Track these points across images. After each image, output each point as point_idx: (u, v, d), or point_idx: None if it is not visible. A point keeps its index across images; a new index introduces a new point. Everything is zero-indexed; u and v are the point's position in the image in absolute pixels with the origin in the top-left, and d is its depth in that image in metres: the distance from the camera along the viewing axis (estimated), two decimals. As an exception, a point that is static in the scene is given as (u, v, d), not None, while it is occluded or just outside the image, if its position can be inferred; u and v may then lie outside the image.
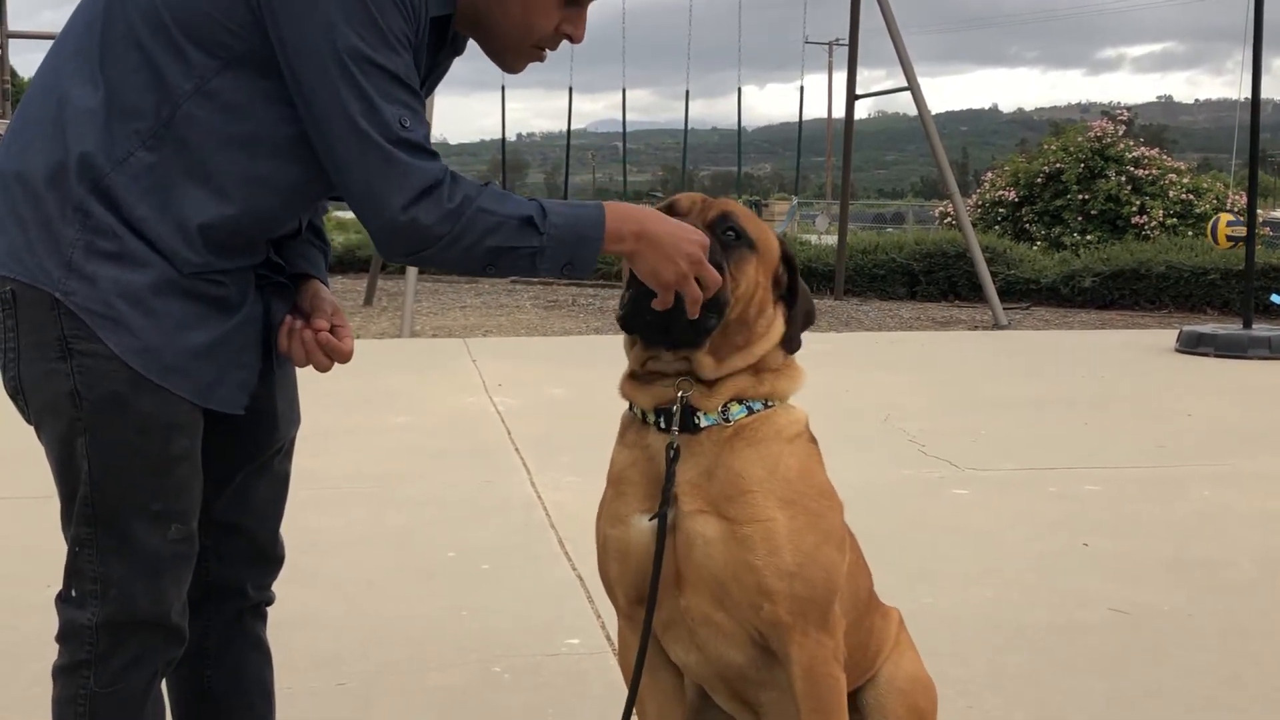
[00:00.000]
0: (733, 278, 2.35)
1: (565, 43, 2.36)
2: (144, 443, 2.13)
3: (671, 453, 2.36)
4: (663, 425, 2.39)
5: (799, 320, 2.49)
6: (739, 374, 2.40)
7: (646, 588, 2.41)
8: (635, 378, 2.45)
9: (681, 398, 2.37)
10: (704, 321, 2.31)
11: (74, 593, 2.19)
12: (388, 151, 2.04)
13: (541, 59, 2.37)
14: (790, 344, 2.48)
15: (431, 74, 2.33)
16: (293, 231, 2.35)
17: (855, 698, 2.69)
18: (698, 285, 2.24)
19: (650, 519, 2.37)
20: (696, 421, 2.38)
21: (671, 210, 2.40)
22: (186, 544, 2.22)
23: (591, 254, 2.19)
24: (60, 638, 2.23)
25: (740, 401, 2.40)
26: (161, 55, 2.06)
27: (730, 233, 2.37)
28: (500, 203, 2.12)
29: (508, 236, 2.11)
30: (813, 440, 2.49)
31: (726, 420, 2.38)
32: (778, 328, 2.45)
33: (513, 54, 2.33)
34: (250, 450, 2.41)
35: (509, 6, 2.24)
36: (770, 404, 2.43)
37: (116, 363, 2.08)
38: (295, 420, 2.52)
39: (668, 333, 2.33)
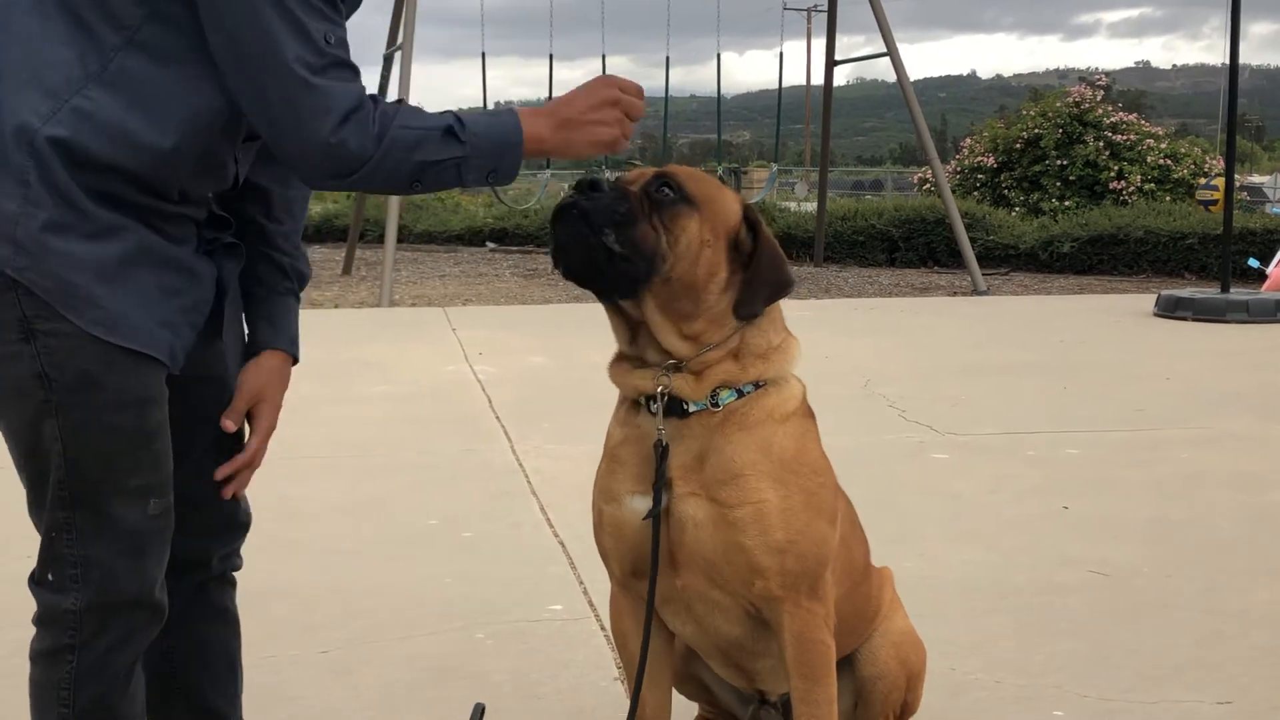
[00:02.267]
0: (668, 231, 2.30)
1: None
2: (119, 419, 2.09)
3: (660, 449, 2.35)
4: (652, 409, 2.38)
5: (757, 288, 2.37)
6: (721, 361, 2.36)
7: (641, 563, 2.42)
8: (621, 361, 2.43)
9: (662, 392, 2.35)
10: (628, 267, 2.27)
11: (51, 576, 2.14)
12: (311, 80, 2.01)
13: None
14: (739, 308, 2.36)
15: None
16: (228, 187, 2.29)
17: (850, 653, 2.72)
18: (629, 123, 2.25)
19: (645, 518, 2.37)
20: (685, 407, 2.36)
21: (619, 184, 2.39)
22: (165, 518, 2.19)
23: (514, 159, 2.18)
24: (39, 622, 2.18)
25: (729, 386, 2.38)
26: (86, 11, 2.03)
27: (665, 190, 2.32)
28: (419, 117, 2.11)
29: (431, 150, 2.09)
30: (808, 415, 2.47)
31: (715, 405, 2.37)
32: (730, 298, 2.36)
33: None
34: (204, 418, 2.36)
35: None
36: (761, 384, 2.40)
37: (84, 339, 2.03)
38: None
39: (597, 275, 2.30)
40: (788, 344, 2.46)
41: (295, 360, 2.49)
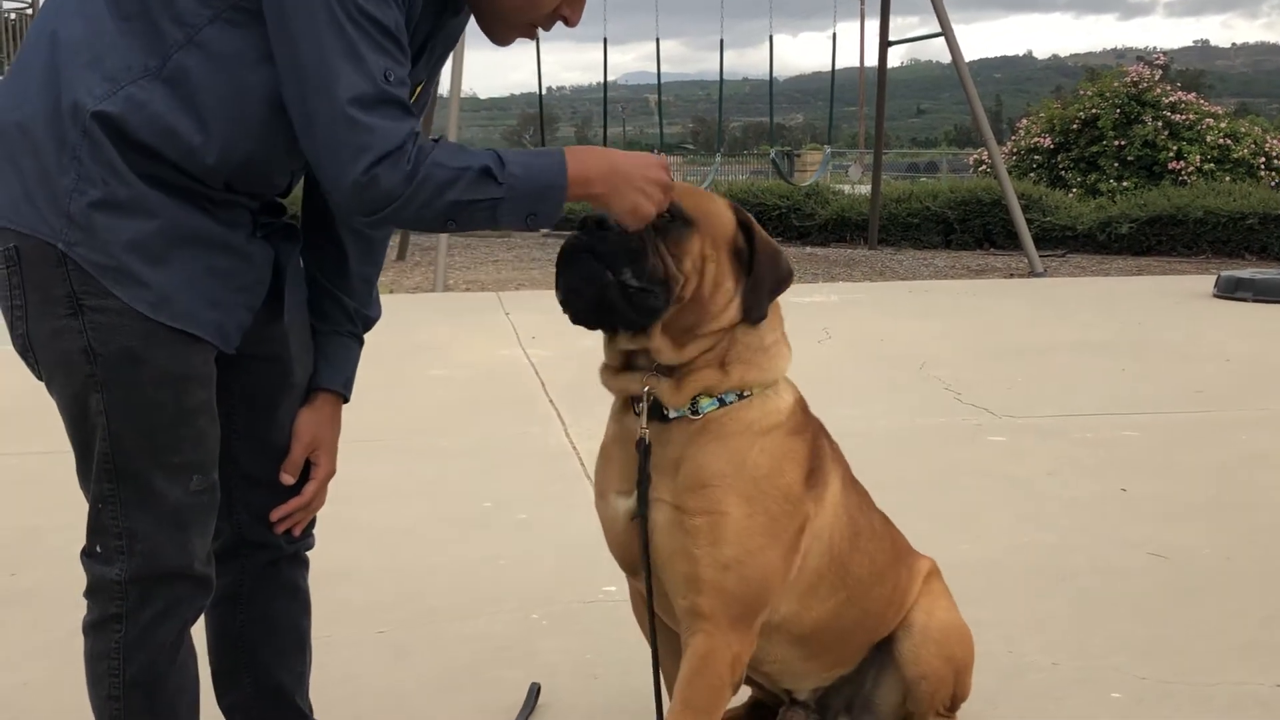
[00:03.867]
0: (674, 255, 2.32)
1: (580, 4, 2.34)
2: (160, 396, 2.12)
3: (643, 447, 2.37)
4: (637, 410, 2.40)
5: (761, 287, 2.39)
6: (704, 367, 2.37)
7: (628, 559, 2.48)
8: (609, 367, 2.46)
9: (648, 393, 2.36)
10: (646, 300, 2.28)
11: (99, 549, 2.18)
12: (358, 117, 2.01)
13: (533, 36, 2.35)
14: (749, 313, 2.38)
15: (435, 35, 2.31)
16: (281, 190, 2.32)
17: (890, 647, 2.69)
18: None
19: (632, 519, 2.41)
20: (666, 413, 2.38)
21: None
22: (208, 494, 2.22)
23: (556, 202, 2.15)
24: (89, 593, 2.22)
25: (711, 394, 2.38)
26: (154, 4, 2.05)
27: (664, 215, 2.32)
28: (455, 156, 2.08)
29: (465, 189, 2.07)
30: (795, 431, 2.44)
31: (695, 413, 2.37)
32: (737, 304, 2.38)
33: (507, 27, 2.31)
34: (269, 398, 2.39)
35: None
36: (747, 394, 2.39)
37: (130, 315, 2.06)
38: (309, 365, 2.49)
39: (612, 314, 2.32)
40: (779, 348, 2.46)
41: (346, 400, 2.52)
